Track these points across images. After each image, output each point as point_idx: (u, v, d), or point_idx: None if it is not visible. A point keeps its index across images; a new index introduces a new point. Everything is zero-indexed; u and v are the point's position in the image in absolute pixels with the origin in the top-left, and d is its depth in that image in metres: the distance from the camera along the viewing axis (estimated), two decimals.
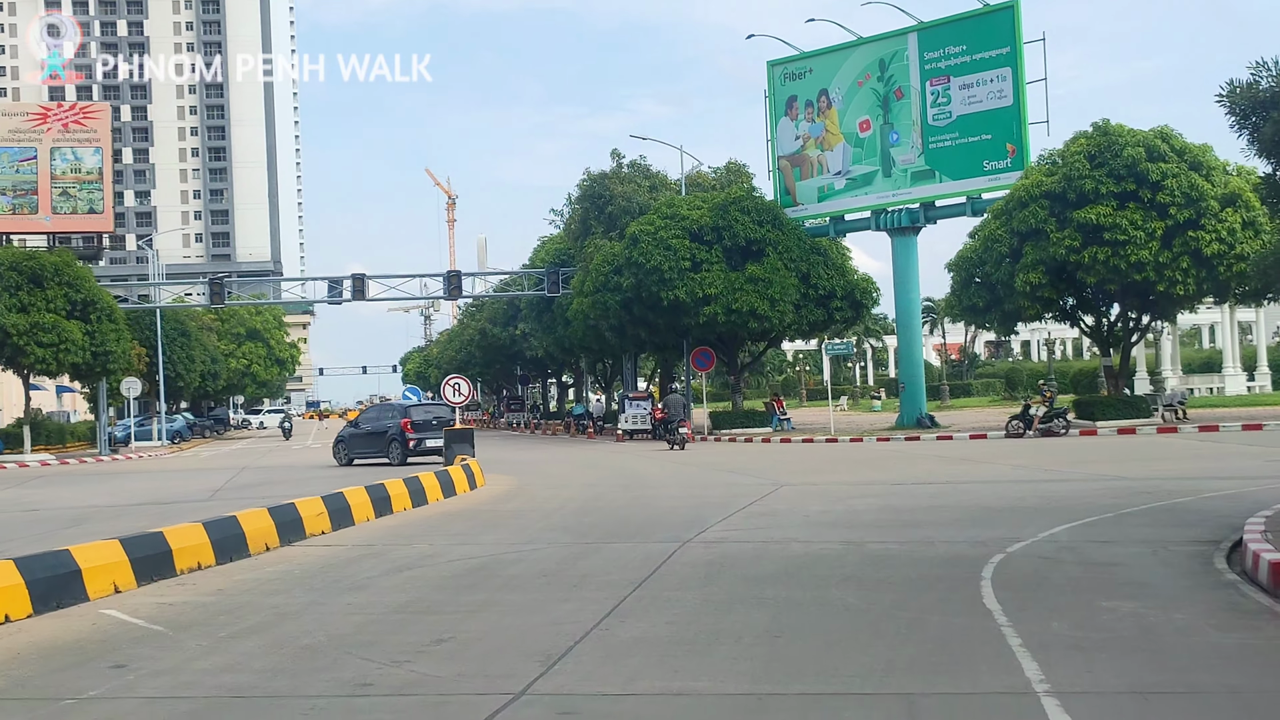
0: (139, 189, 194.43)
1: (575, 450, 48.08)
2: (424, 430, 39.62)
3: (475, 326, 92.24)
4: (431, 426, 39.59)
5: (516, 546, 17.36)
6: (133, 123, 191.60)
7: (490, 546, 17.43)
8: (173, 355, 75.68)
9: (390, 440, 40.16)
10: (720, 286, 51.82)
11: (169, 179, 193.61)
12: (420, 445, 39.39)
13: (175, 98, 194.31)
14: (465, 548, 17.37)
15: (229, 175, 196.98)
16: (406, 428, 39.78)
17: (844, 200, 53.67)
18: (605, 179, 63.39)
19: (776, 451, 41.74)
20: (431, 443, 38.70)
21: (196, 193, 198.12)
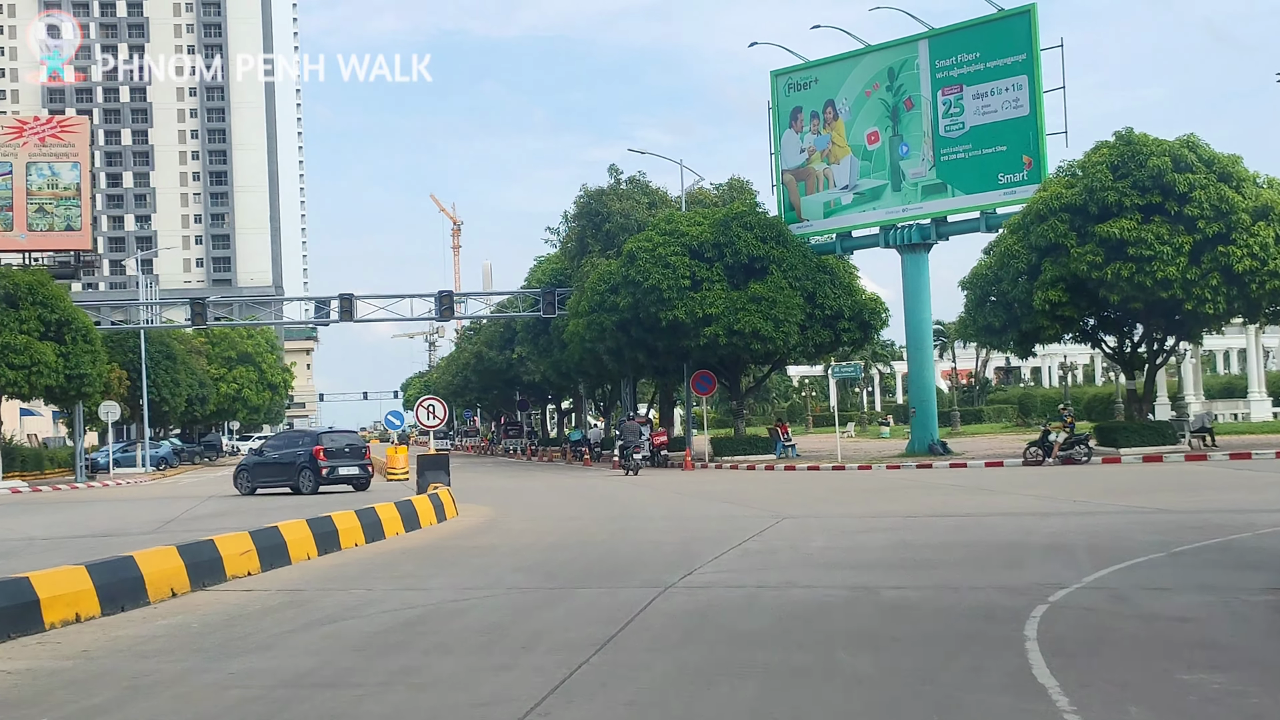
0: (140, 213, 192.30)
1: (566, 478, 45.49)
2: (337, 458, 38.61)
3: (471, 350, 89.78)
4: (345, 454, 38.78)
5: (469, 592, 14.79)
6: (134, 146, 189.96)
7: (438, 592, 14.86)
8: (157, 379, 73.20)
9: (301, 469, 38.84)
10: (721, 306, 49.33)
11: (169, 202, 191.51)
12: (333, 474, 38.36)
13: (176, 121, 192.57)
14: (408, 594, 14.80)
15: (230, 199, 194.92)
16: (319, 455, 38.43)
17: (851, 216, 51.18)
18: (603, 196, 61.01)
19: (779, 480, 39.16)
20: (345, 471, 38.23)
21: (198, 217, 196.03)
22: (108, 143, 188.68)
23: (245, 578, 16.28)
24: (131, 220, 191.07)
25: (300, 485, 38.69)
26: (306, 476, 38.47)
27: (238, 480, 40.83)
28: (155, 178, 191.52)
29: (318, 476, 38.19)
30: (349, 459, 38.54)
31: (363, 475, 38.90)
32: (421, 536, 21.81)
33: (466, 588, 15.20)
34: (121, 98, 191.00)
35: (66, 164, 61.88)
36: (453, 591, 14.85)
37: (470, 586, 15.30)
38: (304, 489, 38.39)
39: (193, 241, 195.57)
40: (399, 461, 45.05)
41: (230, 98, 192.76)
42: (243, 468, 41.34)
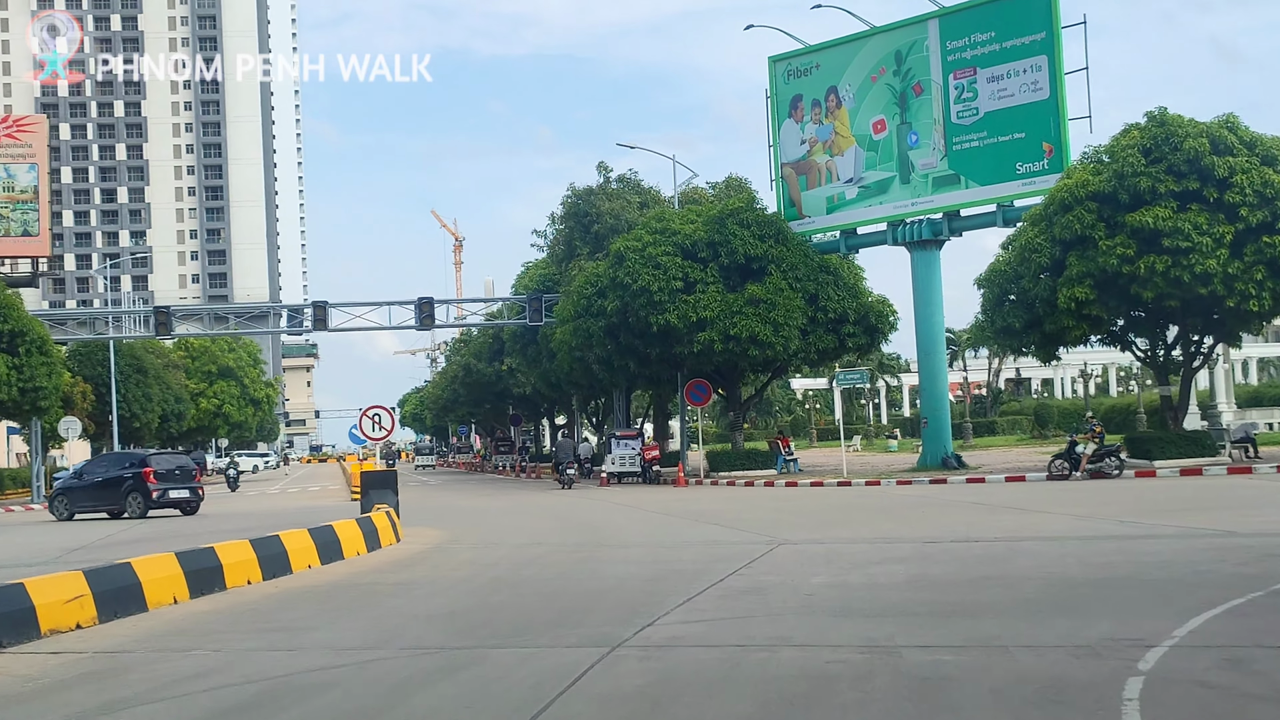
0: (134, 229, 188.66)
1: (545, 497, 41.59)
2: (168, 480, 37.18)
3: (459, 362, 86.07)
4: (175, 477, 37.54)
5: (347, 655, 11.01)
6: (128, 161, 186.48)
7: (308, 655, 11.08)
8: (127, 393, 69.47)
9: (128, 491, 37.05)
10: (716, 309, 45.56)
11: (165, 217, 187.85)
12: (164, 497, 36.87)
13: (172, 135, 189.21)
14: (266, 658, 11.02)
15: (226, 214, 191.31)
16: (149, 478, 36.79)
17: (856, 211, 47.37)
18: (591, 195, 57.31)
19: (779, 497, 35.33)
20: (176, 494, 37.07)
21: (193, 232, 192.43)
22: (102, 157, 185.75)
23: (68, 633, 12.46)
24: (126, 236, 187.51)
25: (128, 508, 36.83)
26: (135, 500, 36.78)
27: (54, 505, 38.79)
28: (150, 193, 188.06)
29: (148, 500, 36.62)
30: (180, 482, 37.43)
31: (194, 499, 37.69)
32: (337, 571, 17.98)
33: (348, 647, 11.42)
34: (116, 111, 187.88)
35: (23, 165, 58.29)
36: (326, 654, 11.07)
37: (354, 645, 11.53)
38: (132, 512, 36.66)
39: (188, 257, 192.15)
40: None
41: (226, 111, 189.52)
42: (61, 491, 39.32)
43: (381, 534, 21.22)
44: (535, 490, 48.34)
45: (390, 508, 23.99)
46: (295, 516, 29.88)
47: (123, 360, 69.84)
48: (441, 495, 46.19)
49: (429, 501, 40.68)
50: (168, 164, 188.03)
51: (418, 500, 40.79)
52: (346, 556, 19.31)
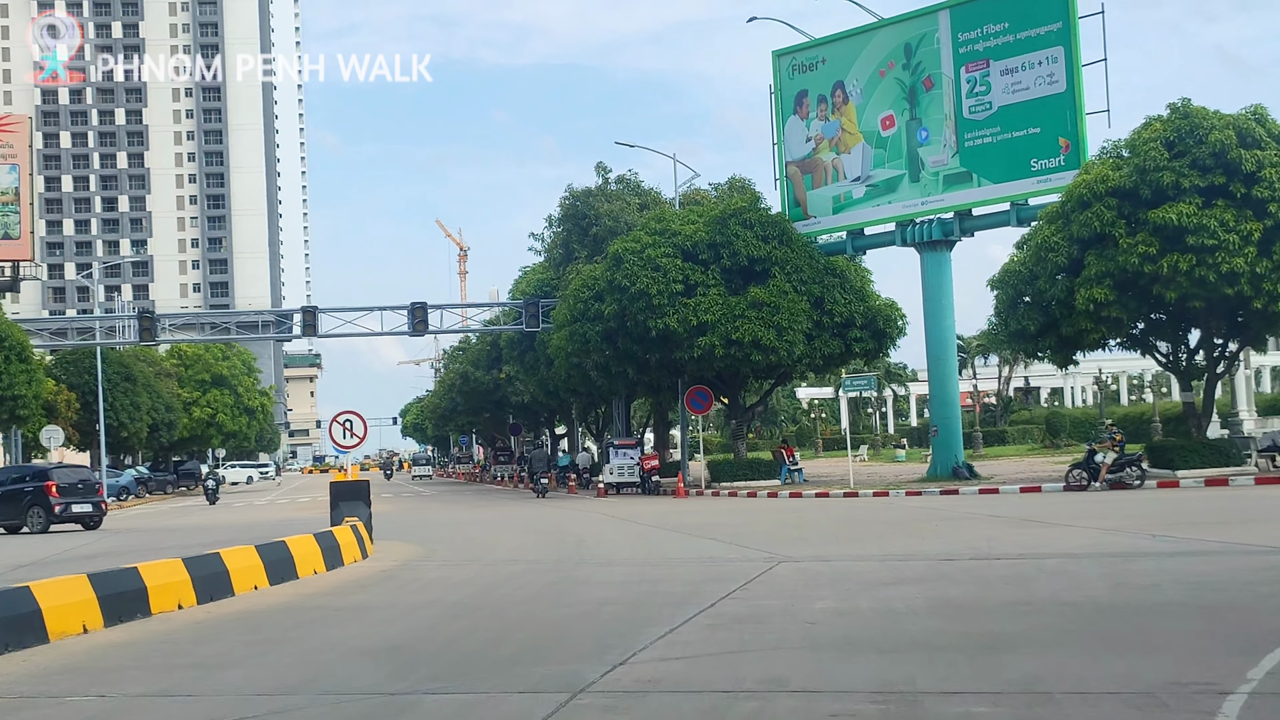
0: (135, 237, 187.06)
1: (536, 509, 39.56)
2: (71, 495, 35.85)
3: (457, 370, 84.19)
4: (79, 491, 36.29)
5: (255, 703, 9.13)
6: (129, 169, 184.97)
7: (207, 703, 9.24)
8: (115, 402, 67.67)
9: (29, 505, 35.68)
10: (718, 313, 43.71)
11: (166, 226, 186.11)
12: (67, 511, 35.57)
13: (174, 144, 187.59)
14: (154, 708, 9.15)
15: (228, 223, 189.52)
16: (51, 491, 35.43)
17: (864, 211, 45.48)
18: (590, 196, 55.46)
19: (782, 509, 33.44)
20: (78, 508, 35.83)
21: (195, 241, 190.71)
22: (103, 165, 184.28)
23: None
24: (127, 245, 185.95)
25: (28, 523, 35.45)
26: (37, 514, 35.43)
27: None
28: (151, 201, 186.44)
29: (50, 514, 35.31)
30: (83, 496, 36.16)
31: (96, 514, 36.53)
32: (284, 593, 16.08)
33: (260, 691, 9.55)
34: (117, 119, 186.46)
35: (4, 167, 56.54)
36: (228, 702, 9.19)
37: (268, 689, 9.65)
38: (32, 527, 35.32)
39: (189, 266, 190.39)
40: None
41: (228, 119, 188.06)
42: None
43: (345, 550, 19.36)
44: (528, 502, 46.44)
45: (360, 521, 22.12)
46: (263, 530, 27.94)
47: (110, 368, 68.05)
48: (429, 507, 44.33)
49: (414, 514, 38.85)
50: (169, 172, 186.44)
51: (403, 512, 39.01)
52: (301, 576, 17.44)
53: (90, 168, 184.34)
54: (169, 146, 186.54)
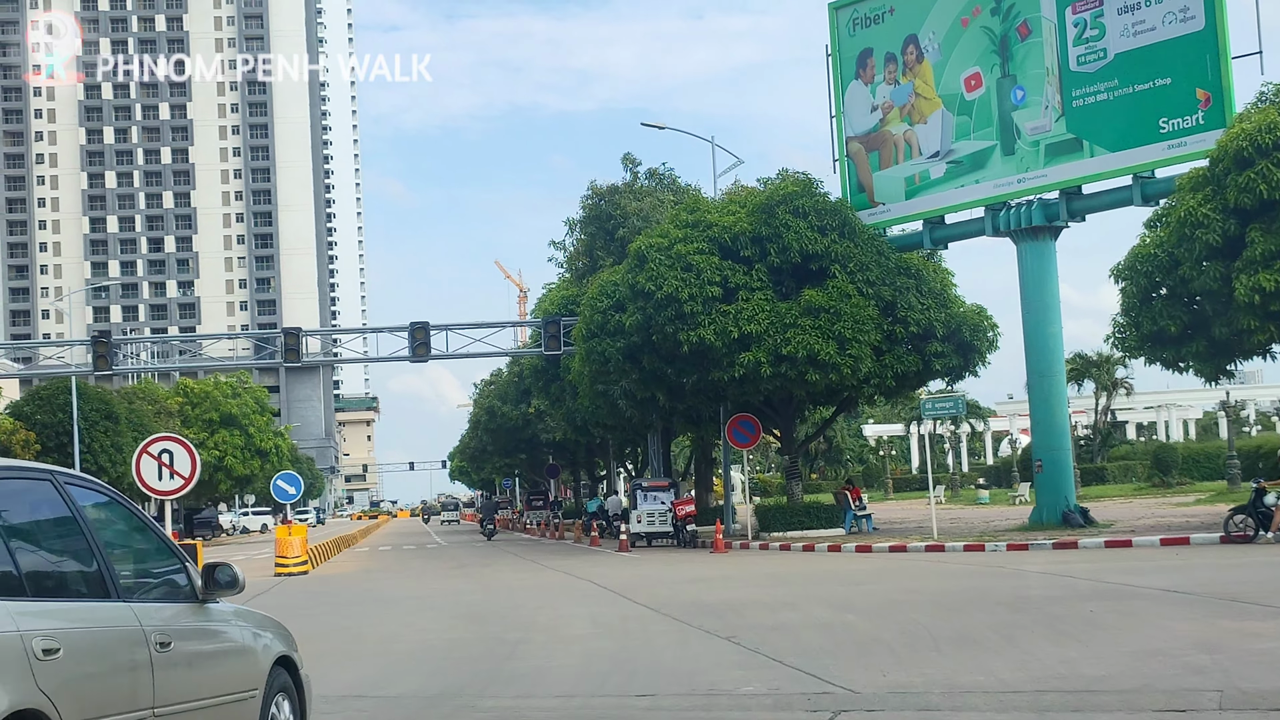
0: (182, 279, 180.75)
1: (511, 572, 30.33)
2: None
3: (483, 405, 75.94)
4: None
5: None
6: (175, 209, 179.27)
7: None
8: (92, 443, 59.74)
9: None
10: (764, 322, 35.10)
11: (213, 267, 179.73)
12: None
13: (220, 182, 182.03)
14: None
15: (276, 263, 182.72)
16: None
17: (944, 194, 36.68)
18: (616, 194, 47.18)
19: (846, 574, 24.66)
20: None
21: (243, 282, 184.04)
22: (149, 205, 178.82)
23: None
24: (174, 286, 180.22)
25: None
26: None
27: None
28: (198, 241, 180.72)
29: None
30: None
31: None
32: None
33: None
34: (163, 158, 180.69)
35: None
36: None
37: None
38: None
39: (238, 308, 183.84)
40: (292, 546, 30.81)
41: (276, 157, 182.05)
42: None
43: None
44: (540, 555, 37.81)
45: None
46: None
47: (87, 404, 60.19)
48: (402, 565, 35.96)
49: (357, 580, 30.35)
50: (215, 210, 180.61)
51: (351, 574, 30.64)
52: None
53: (135, 207, 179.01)
54: (215, 185, 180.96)
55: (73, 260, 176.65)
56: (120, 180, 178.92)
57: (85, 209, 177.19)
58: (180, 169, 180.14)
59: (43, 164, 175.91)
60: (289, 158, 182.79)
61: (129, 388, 79.17)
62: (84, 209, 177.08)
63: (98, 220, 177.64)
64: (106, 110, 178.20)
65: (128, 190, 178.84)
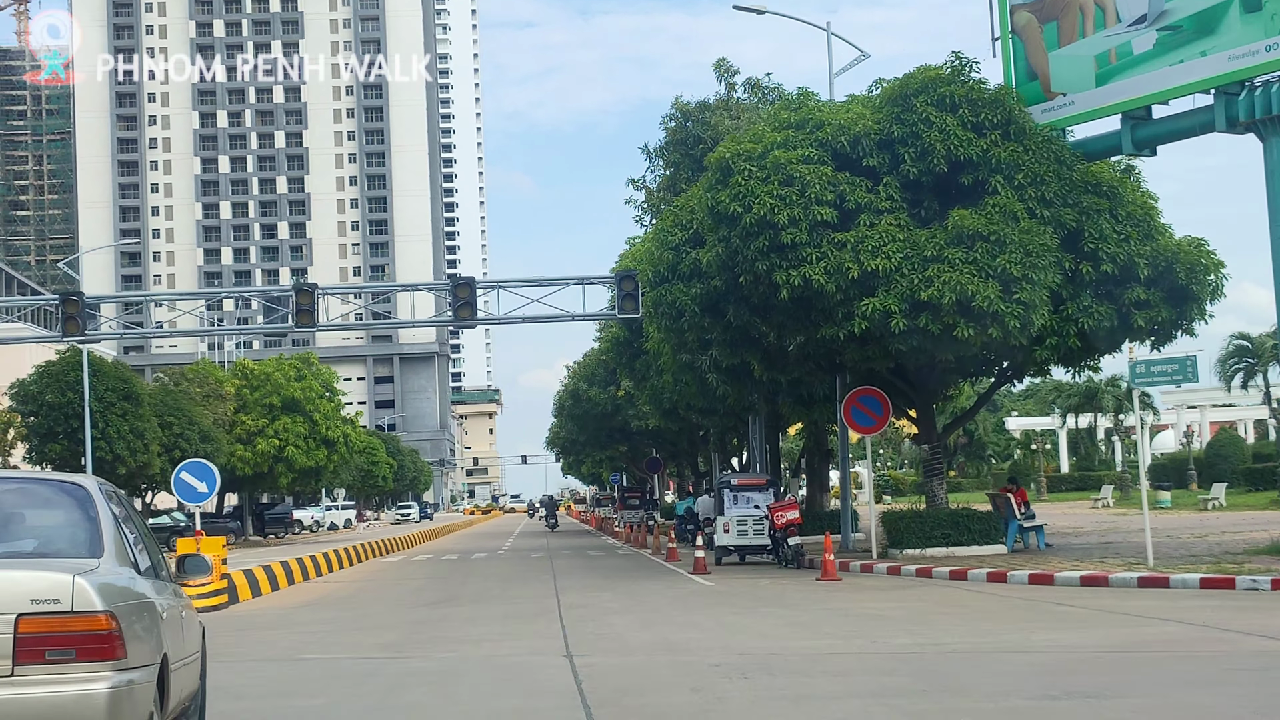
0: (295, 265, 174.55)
1: (518, 620, 20.18)
2: None
3: (568, 388, 66.31)
4: None
5: None
6: (289, 194, 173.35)
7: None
8: (107, 428, 51.03)
9: None
10: (896, 256, 24.80)
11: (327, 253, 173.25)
12: None
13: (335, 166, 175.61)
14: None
15: (391, 249, 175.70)
16: None
17: (1153, 74, 25.85)
18: (706, 111, 37.11)
19: (1029, 637, 14.53)
20: None
21: (357, 269, 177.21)
22: (262, 191, 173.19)
23: None
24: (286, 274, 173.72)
25: None
26: None
27: None
28: (311, 228, 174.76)
29: None
30: None
31: None
32: None
33: None
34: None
35: None
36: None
37: None
38: None
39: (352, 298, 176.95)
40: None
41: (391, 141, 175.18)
42: None
43: None
44: (578, 578, 27.85)
45: None
46: None
47: (103, 384, 51.52)
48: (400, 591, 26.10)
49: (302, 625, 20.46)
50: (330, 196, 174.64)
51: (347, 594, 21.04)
52: None
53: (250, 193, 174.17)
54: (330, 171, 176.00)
55: (185, 246, 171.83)
56: (234, 165, 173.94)
57: (199, 194, 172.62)
58: (294, 153, 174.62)
59: (154, 102, 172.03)
60: (404, 142, 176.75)
61: (180, 368, 70.90)
62: (197, 194, 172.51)
63: (210, 206, 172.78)
64: (220, 94, 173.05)
65: (241, 175, 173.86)
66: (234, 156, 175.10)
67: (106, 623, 6.64)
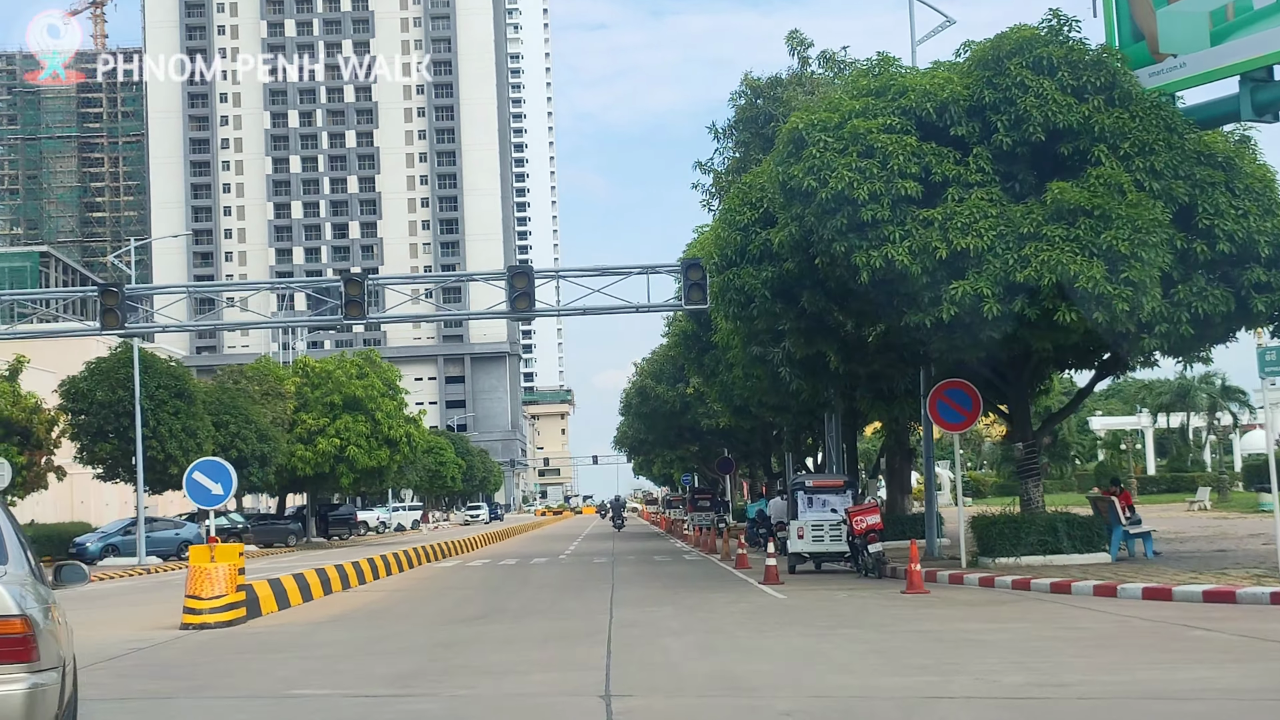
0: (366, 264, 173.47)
1: (556, 643, 17.75)
2: None
3: (635, 385, 64.04)
4: None
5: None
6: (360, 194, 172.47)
7: None
8: (158, 426, 49.38)
9: None
10: (989, 234, 22.33)
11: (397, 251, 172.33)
12: None
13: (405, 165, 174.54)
14: None
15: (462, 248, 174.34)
16: None
17: (1275, 31, 23.25)
18: (778, 87, 34.74)
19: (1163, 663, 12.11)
20: None
21: (427, 267, 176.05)
22: (333, 191, 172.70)
23: None
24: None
25: None
26: None
27: None
28: (383, 227, 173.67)
29: None
30: None
31: None
32: None
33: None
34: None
35: None
36: None
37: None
38: None
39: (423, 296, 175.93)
40: (210, 579, 18.67)
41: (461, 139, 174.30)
42: None
43: None
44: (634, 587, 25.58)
45: None
46: None
47: (154, 380, 49.90)
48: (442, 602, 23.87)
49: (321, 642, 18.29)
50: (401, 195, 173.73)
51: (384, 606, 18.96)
52: None
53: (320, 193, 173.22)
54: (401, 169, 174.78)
55: (257, 246, 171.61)
56: (305, 165, 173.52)
57: (270, 194, 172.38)
58: (365, 152, 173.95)
59: (225, 102, 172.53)
60: (475, 140, 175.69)
61: (239, 366, 69.32)
62: (269, 193, 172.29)
63: (282, 206, 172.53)
64: (291, 94, 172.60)
65: (312, 174, 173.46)
66: (305, 156, 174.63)
67: (22, 626, 6.73)
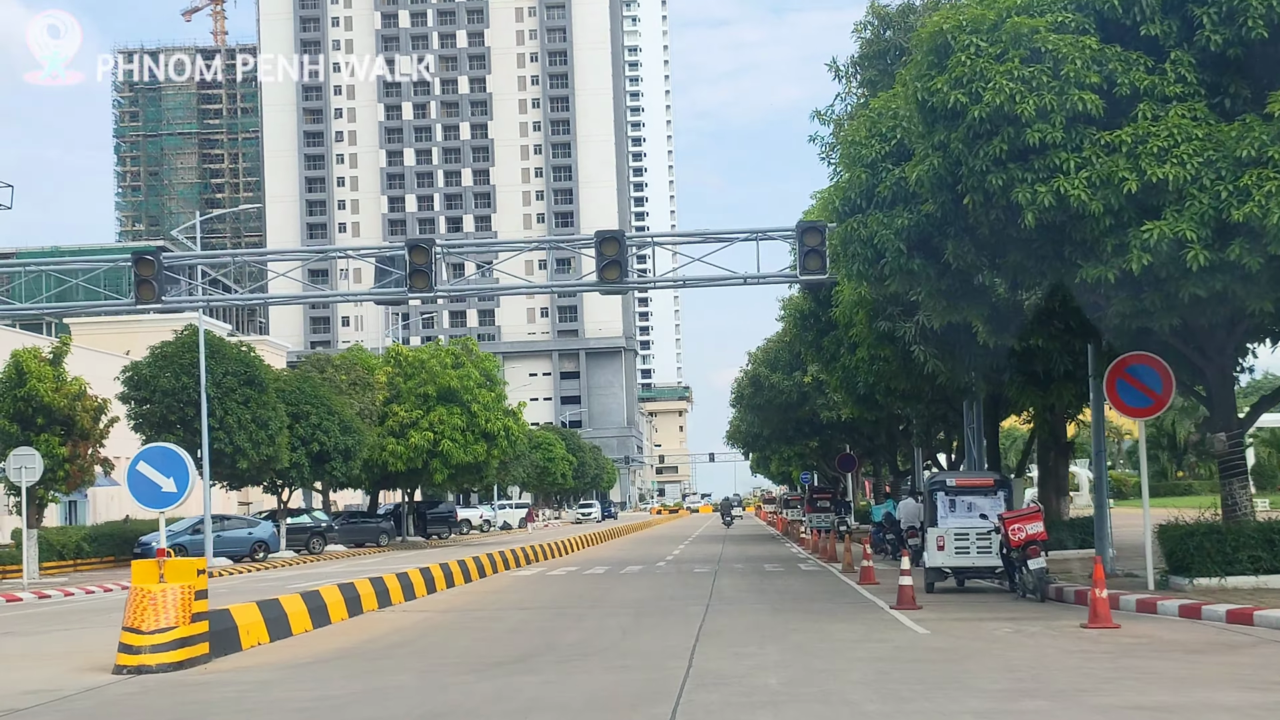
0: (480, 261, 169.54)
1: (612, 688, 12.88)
2: None
3: (747, 375, 58.96)
4: None
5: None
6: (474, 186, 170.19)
7: None
8: (224, 417, 45.31)
9: None
10: (1192, 162, 17.10)
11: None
12: None
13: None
14: None
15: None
16: None
17: None
18: (911, 15, 29.42)
19: None
20: None
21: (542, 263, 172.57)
22: (447, 184, 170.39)
23: None
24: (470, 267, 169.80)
25: None
26: None
27: None
28: (496, 221, 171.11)
29: None
30: None
31: None
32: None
33: None
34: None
35: None
36: None
37: None
38: None
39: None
40: (156, 605, 13.67)
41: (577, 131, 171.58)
42: None
43: None
44: (734, 613, 20.57)
45: None
46: None
47: (221, 367, 45.88)
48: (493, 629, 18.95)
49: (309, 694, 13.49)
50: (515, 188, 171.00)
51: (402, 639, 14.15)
52: None
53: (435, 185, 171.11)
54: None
55: (371, 240, 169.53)
56: (419, 157, 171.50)
57: (384, 187, 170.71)
58: (479, 145, 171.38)
59: (339, 95, 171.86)
60: (590, 133, 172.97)
61: (324, 355, 65.47)
62: (383, 187, 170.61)
63: (395, 199, 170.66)
64: (405, 87, 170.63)
65: (426, 167, 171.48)
66: (419, 149, 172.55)
67: None
